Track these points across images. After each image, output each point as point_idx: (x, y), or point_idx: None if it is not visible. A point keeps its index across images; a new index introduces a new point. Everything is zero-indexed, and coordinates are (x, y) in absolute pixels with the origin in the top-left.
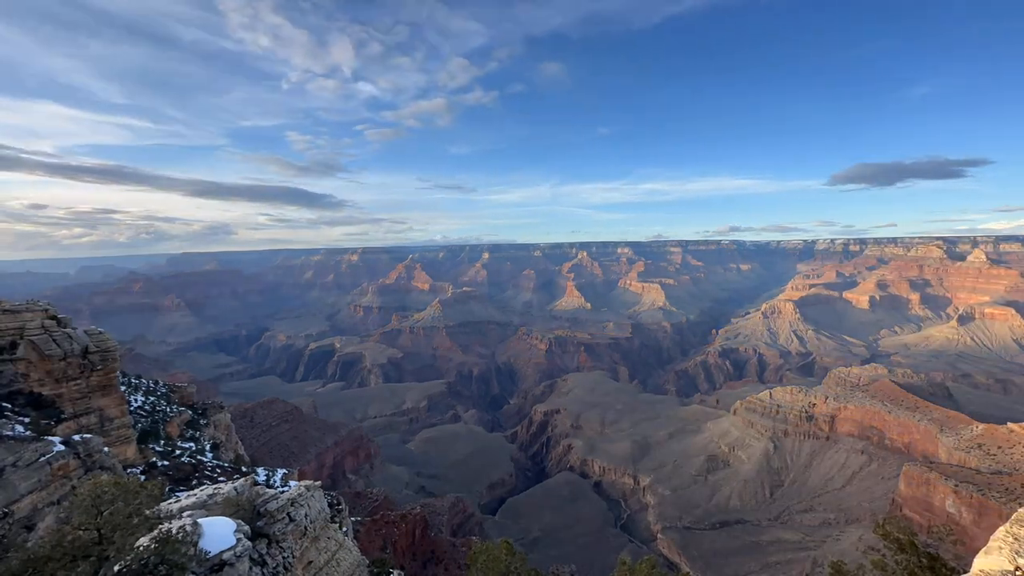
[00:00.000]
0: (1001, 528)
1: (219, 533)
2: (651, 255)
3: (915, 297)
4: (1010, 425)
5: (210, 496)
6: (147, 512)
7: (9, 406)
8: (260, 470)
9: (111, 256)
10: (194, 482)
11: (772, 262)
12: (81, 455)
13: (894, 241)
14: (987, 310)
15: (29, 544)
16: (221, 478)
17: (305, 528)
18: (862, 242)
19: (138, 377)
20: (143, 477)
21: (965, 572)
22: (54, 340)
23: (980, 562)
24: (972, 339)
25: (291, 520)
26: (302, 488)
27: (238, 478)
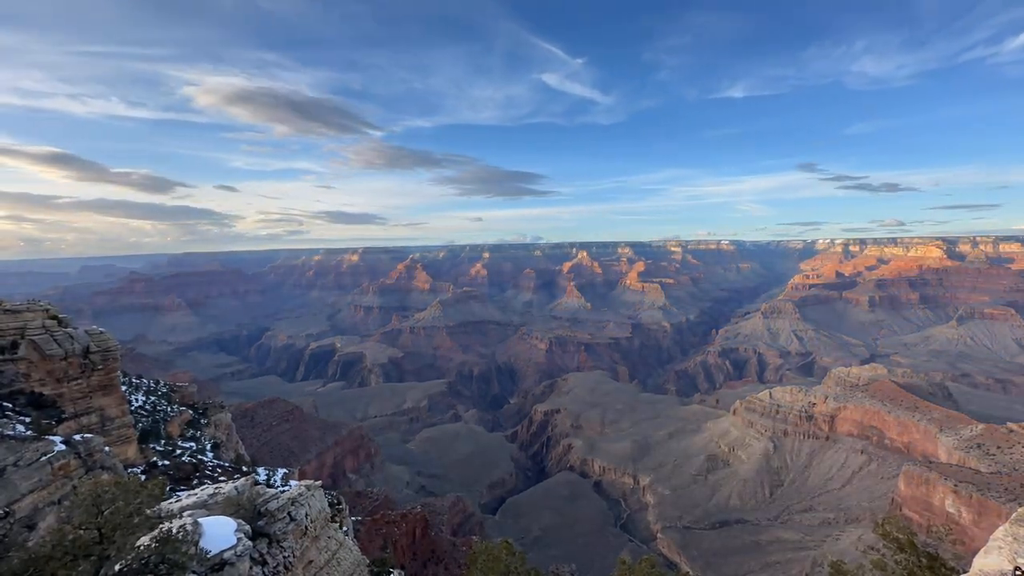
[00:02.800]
0: (1001, 528)
1: (220, 532)
2: (651, 255)
3: (915, 297)
4: (1010, 425)
5: (211, 496)
6: (148, 512)
7: (10, 406)
8: (261, 470)
9: (112, 256)
10: (195, 482)
11: (772, 262)
12: (82, 455)
13: (894, 241)
14: (987, 310)
15: (30, 543)
16: (222, 478)
17: (306, 527)
18: (862, 242)
19: (139, 377)
20: (144, 477)
21: (965, 572)
22: (55, 340)
23: (980, 562)
24: (972, 339)
25: (292, 519)
26: (303, 487)
27: (239, 478)
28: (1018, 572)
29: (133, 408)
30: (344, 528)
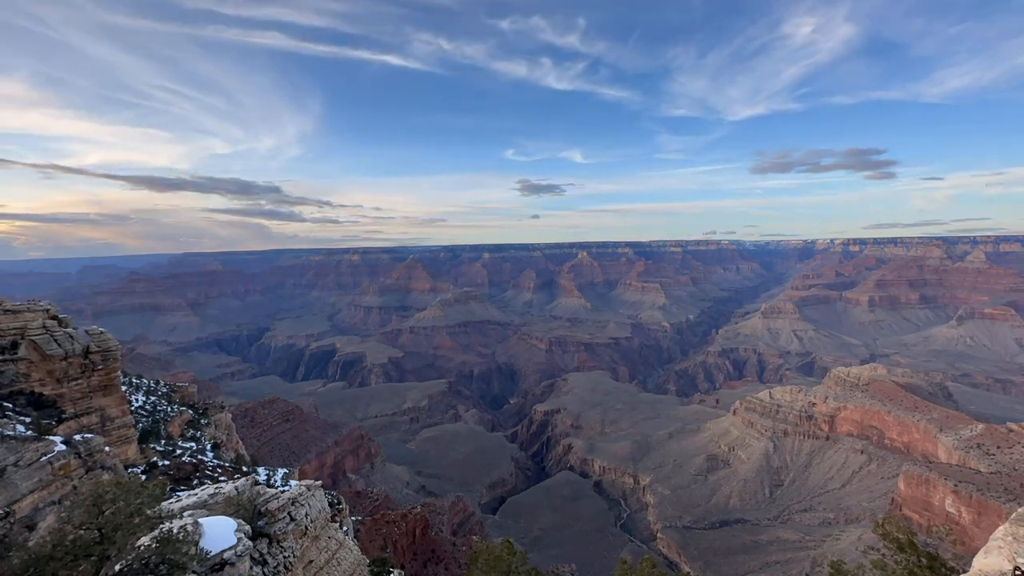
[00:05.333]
0: (1001, 528)
1: (220, 532)
2: (651, 255)
3: (915, 297)
4: (1010, 425)
5: (211, 495)
6: (148, 512)
7: (10, 406)
8: (261, 469)
9: (113, 256)
10: (195, 481)
11: (772, 262)
12: (82, 455)
13: (894, 241)
14: (987, 310)
15: (30, 544)
16: (222, 477)
17: (306, 527)
18: (862, 242)
19: (139, 377)
20: (144, 477)
21: (965, 572)
22: (55, 340)
23: (980, 562)
24: (972, 339)
25: (292, 519)
26: (303, 487)
27: (239, 477)
28: (1018, 572)
29: (133, 408)
30: (344, 528)
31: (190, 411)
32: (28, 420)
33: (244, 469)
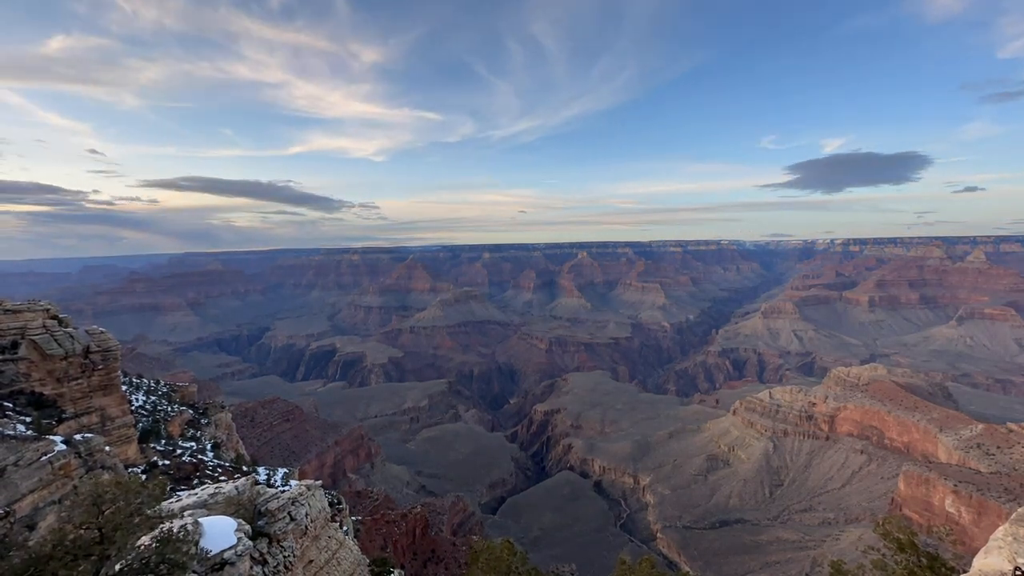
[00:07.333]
0: (1001, 528)
1: (220, 532)
2: (651, 255)
3: (915, 297)
4: (1009, 425)
5: (211, 495)
6: (148, 511)
7: (11, 405)
8: (261, 469)
9: (113, 256)
10: (195, 481)
11: (772, 262)
12: (82, 454)
13: (894, 241)
14: (987, 310)
15: (31, 543)
16: (222, 477)
17: (306, 527)
18: (862, 242)
19: (139, 376)
20: (144, 476)
21: (965, 572)
22: (55, 340)
23: (980, 562)
24: (972, 339)
25: (292, 519)
26: (303, 487)
27: (239, 477)
28: (1018, 572)
29: (133, 408)
30: (344, 528)
31: (190, 411)
32: (28, 420)
33: (244, 469)
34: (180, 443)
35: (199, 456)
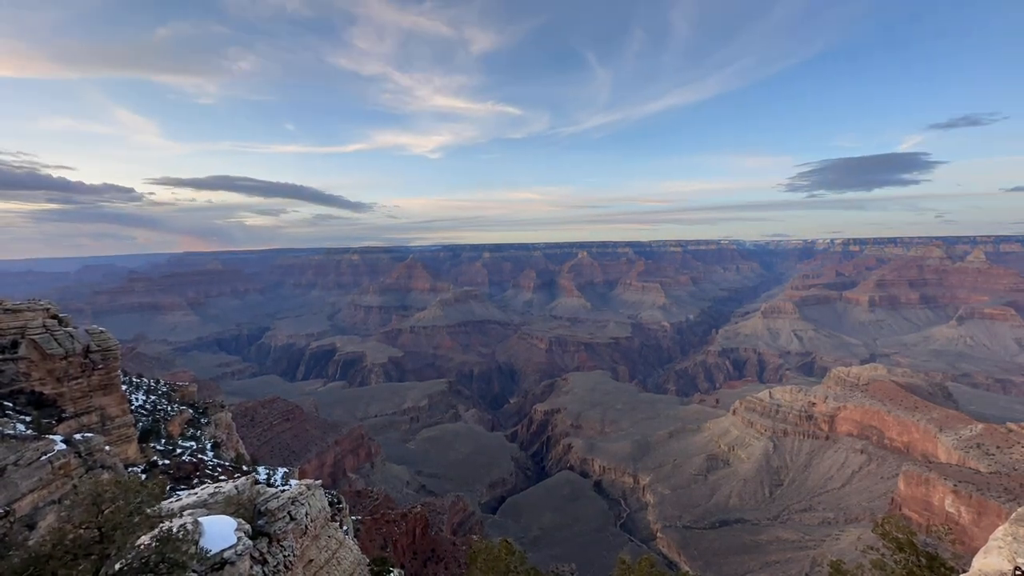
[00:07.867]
0: (1000, 528)
1: (220, 531)
2: (651, 255)
3: (915, 297)
4: (1009, 425)
5: (211, 495)
6: (148, 511)
7: (11, 405)
8: (261, 469)
9: (113, 256)
10: (195, 481)
11: (772, 262)
12: (82, 454)
13: (894, 241)
14: (987, 310)
15: (30, 543)
16: (222, 477)
17: (306, 527)
18: (862, 242)
19: (139, 376)
20: (144, 476)
21: (965, 572)
22: (55, 339)
23: (980, 562)
24: (972, 339)
25: (292, 519)
26: (303, 487)
27: (239, 477)
28: (1018, 572)
29: (133, 407)
30: (344, 527)
31: (190, 410)
32: (28, 419)
33: (244, 468)
34: (180, 443)
35: (199, 455)
